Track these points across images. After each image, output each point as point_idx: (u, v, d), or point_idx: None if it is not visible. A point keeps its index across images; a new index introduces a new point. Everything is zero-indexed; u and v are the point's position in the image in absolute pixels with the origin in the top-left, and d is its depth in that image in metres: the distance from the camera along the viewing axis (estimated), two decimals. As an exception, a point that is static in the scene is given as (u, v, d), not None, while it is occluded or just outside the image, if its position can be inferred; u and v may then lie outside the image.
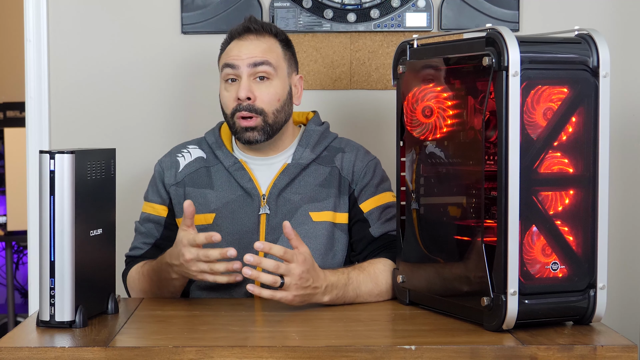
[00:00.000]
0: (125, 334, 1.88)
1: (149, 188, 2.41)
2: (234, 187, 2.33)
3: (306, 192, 2.32)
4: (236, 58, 2.30)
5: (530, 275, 1.85)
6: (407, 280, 2.10)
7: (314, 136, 2.37)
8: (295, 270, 2.03)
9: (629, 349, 1.76)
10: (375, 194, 2.35)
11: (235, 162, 2.33)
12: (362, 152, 2.40)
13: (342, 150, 2.38)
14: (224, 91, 2.32)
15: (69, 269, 1.87)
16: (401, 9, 2.77)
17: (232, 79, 2.31)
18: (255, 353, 1.76)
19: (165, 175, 2.37)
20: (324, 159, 2.36)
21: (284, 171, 2.32)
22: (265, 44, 2.32)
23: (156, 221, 2.37)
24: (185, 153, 2.40)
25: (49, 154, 1.86)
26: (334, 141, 2.40)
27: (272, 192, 2.30)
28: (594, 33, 1.90)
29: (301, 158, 2.33)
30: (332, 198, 2.32)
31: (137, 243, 2.38)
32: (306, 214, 2.30)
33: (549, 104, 1.86)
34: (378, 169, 2.38)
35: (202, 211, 2.32)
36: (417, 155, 2.09)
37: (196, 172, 2.36)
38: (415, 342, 1.79)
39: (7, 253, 4.92)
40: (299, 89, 2.39)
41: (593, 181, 1.88)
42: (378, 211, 2.33)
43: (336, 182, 2.34)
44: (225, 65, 2.32)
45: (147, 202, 2.40)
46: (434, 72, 2.03)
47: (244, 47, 2.31)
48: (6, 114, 5.82)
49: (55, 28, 2.81)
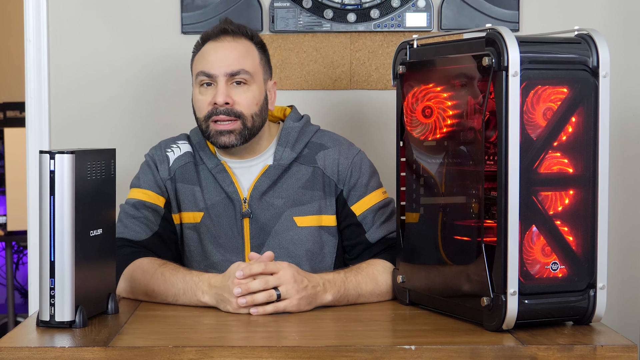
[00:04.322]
0: (125, 334, 1.88)
1: (140, 176, 2.35)
2: (218, 189, 2.31)
3: (289, 196, 2.29)
4: (212, 65, 2.26)
5: (530, 275, 1.85)
6: (407, 280, 2.10)
7: (292, 133, 2.33)
8: (285, 276, 2.02)
9: (629, 349, 1.76)
10: (366, 194, 2.31)
11: (218, 164, 2.31)
12: (344, 147, 2.35)
13: (324, 147, 2.33)
14: (199, 95, 2.28)
15: (69, 269, 1.87)
16: (401, 9, 2.77)
17: (207, 84, 2.27)
18: (255, 353, 1.76)
19: (160, 168, 2.34)
20: (305, 158, 2.32)
21: (265, 173, 2.30)
22: (242, 47, 2.29)
23: (154, 209, 2.30)
24: (174, 148, 2.36)
25: (49, 154, 1.86)
26: (314, 136, 2.35)
27: (254, 195, 2.28)
28: (593, 33, 1.90)
29: (282, 158, 2.30)
30: (317, 201, 2.30)
31: (136, 227, 2.28)
32: (290, 219, 2.28)
33: (549, 104, 1.86)
34: (364, 165, 2.34)
35: (191, 209, 2.30)
36: (416, 156, 2.08)
37: (185, 166, 2.33)
38: (415, 342, 1.79)
39: (7, 253, 4.92)
40: (272, 95, 2.35)
41: (593, 181, 1.88)
42: (371, 214, 2.30)
43: (320, 183, 2.31)
44: (200, 72, 2.27)
45: (140, 189, 2.33)
46: (434, 72, 2.03)
47: (220, 50, 2.27)
48: (6, 114, 5.82)
49: (55, 28, 2.81)
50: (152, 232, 2.29)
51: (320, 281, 2.07)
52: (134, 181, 2.36)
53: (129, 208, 2.31)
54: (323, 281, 2.07)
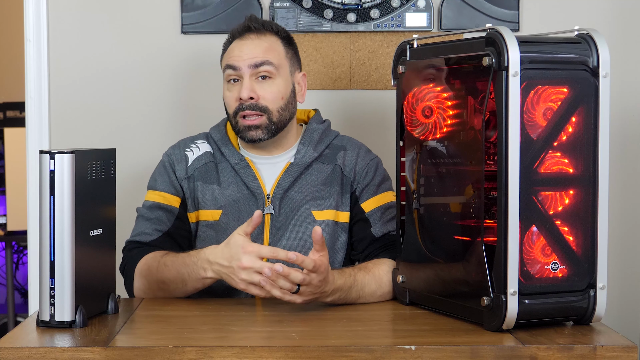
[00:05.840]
0: (125, 334, 1.88)
1: (157, 177, 2.36)
2: (240, 185, 2.32)
3: (308, 191, 2.32)
4: (237, 59, 2.30)
5: (530, 275, 1.85)
6: (407, 280, 2.10)
7: (315, 134, 2.37)
8: (314, 281, 2.01)
9: (629, 349, 1.76)
10: (377, 193, 2.35)
11: (241, 160, 2.33)
12: (363, 150, 2.40)
13: (344, 149, 2.38)
14: (227, 91, 2.32)
15: (69, 269, 1.87)
16: (401, 9, 2.77)
17: (234, 79, 2.31)
18: (255, 353, 1.76)
19: (177, 168, 2.35)
20: (326, 157, 2.36)
21: (288, 170, 2.32)
22: (266, 43, 2.32)
23: (168, 210, 2.32)
24: (194, 147, 2.38)
25: (49, 154, 1.86)
26: (335, 139, 2.40)
27: (277, 191, 2.30)
28: (594, 33, 1.90)
29: (304, 157, 2.33)
30: (335, 197, 2.33)
31: (146, 229, 2.31)
32: (309, 212, 2.31)
33: (549, 104, 1.86)
34: (379, 168, 2.39)
35: (209, 207, 2.31)
36: (417, 155, 2.08)
37: (205, 165, 2.35)
38: (415, 342, 1.79)
39: (7, 253, 4.92)
40: (302, 87, 2.38)
41: (593, 181, 1.88)
42: (380, 211, 2.33)
43: (338, 180, 2.34)
44: (227, 66, 2.32)
45: (156, 191, 2.34)
46: (434, 72, 2.03)
47: (244, 47, 2.31)
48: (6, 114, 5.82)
49: (55, 28, 2.81)
50: (162, 232, 2.30)
51: (330, 288, 2.06)
52: (150, 182, 2.38)
53: (144, 210, 2.34)
54: (333, 288, 2.07)
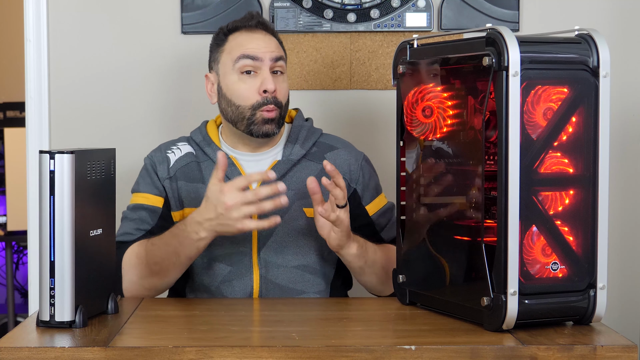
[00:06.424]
0: (125, 334, 1.88)
1: (139, 181, 2.37)
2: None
3: (299, 188, 2.30)
4: (257, 50, 2.27)
5: (530, 275, 1.85)
6: (407, 280, 2.10)
7: (302, 132, 2.36)
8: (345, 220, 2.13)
9: (629, 349, 1.76)
10: (376, 195, 2.37)
11: None
12: (351, 148, 2.41)
13: (332, 147, 2.37)
14: (240, 83, 2.28)
15: (69, 269, 1.87)
16: (401, 9, 2.77)
17: (248, 71, 2.27)
18: (255, 353, 1.76)
19: (158, 169, 2.35)
20: (314, 155, 2.35)
21: (274, 168, 2.30)
22: (275, 40, 2.33)
23: (151, 210, 2.32)
24: (175, 149, 2.37)
25: (49, 154, 1.86)
26: (321, 137, 2.40)
27: None
28: (594, 33, 1.90)
29: (291, 154, 2.33)
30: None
31: (128, 229, 2.31)
32: (300, 209, 2.30)
33: (549, 104, 1.86)
34: (371, 167, 2.41)
35: (194, 205, 2.30)
36: (417, 155, 2.08)
37: (187, 165, 2.34)
38: (415, 342, 1.79)
39: (7, 253, 4.92)
40: None
41: (593, 181, 1.88)
42: (382, 215, 2.37)
43: None
44: (244, 56, 2.27)
45: (139, 194, 2.35)
46: (434, 72, 2.03)
47: (261, 40, 2.30)
48: (6, 114, 5.82)
49: (55, 28, 2.81)
50: (145, 231, 2.31)
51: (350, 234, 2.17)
52: (134, 187, 2.39)
53: (127, 212, 2.35)
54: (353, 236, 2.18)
